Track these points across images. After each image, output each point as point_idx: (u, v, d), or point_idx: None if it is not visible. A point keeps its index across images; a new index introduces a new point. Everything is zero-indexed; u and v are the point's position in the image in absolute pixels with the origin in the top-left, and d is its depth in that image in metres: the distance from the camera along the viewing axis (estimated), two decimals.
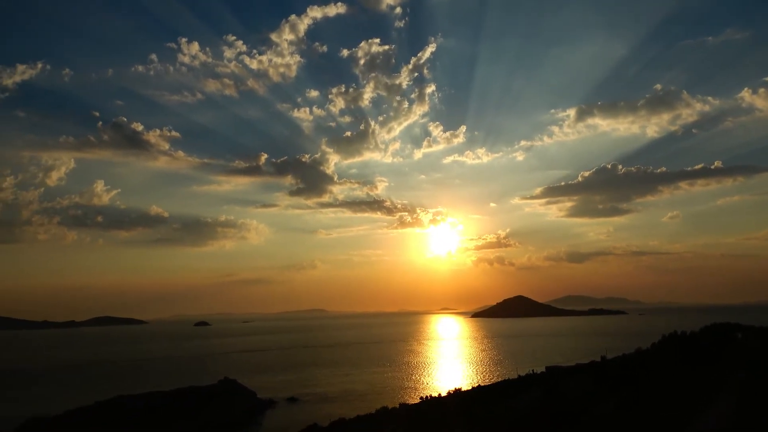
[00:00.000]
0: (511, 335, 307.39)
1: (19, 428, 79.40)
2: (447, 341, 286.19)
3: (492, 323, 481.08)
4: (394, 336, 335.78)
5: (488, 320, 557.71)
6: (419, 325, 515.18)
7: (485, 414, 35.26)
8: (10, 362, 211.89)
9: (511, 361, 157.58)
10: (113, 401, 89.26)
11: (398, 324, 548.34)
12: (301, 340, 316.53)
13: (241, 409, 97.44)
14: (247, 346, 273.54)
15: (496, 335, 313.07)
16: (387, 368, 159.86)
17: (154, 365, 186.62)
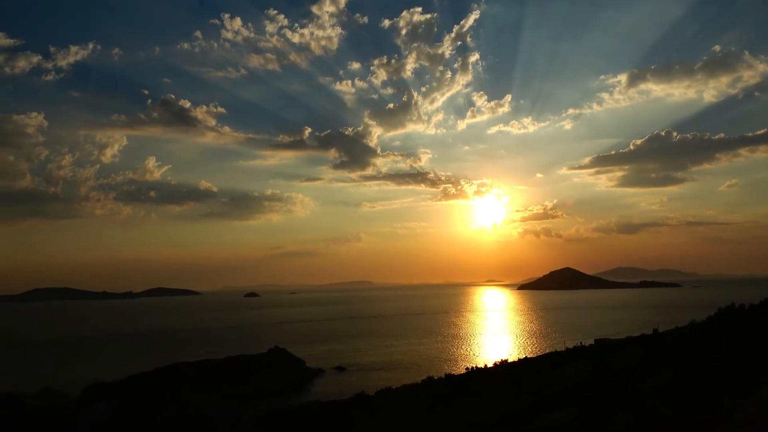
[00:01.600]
0: (559, 307, 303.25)
1: (84, 392, 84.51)
2: (492, 313, 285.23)
3: (538, 295, 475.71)
4: (439, 308, 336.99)
5: (534, 292, 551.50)
6: (464, 297, 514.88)
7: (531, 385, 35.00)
8: (75, 331, 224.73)
9: (558, 334, 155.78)
10: (171, 368, 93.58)
11: (443, 296, 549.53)
12: (348, 311, 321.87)
13: (291, 376, 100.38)
14: (295, 317, 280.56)
15: (542, 307, 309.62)
16: (432, 339, 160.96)
17: (207, 334, 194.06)
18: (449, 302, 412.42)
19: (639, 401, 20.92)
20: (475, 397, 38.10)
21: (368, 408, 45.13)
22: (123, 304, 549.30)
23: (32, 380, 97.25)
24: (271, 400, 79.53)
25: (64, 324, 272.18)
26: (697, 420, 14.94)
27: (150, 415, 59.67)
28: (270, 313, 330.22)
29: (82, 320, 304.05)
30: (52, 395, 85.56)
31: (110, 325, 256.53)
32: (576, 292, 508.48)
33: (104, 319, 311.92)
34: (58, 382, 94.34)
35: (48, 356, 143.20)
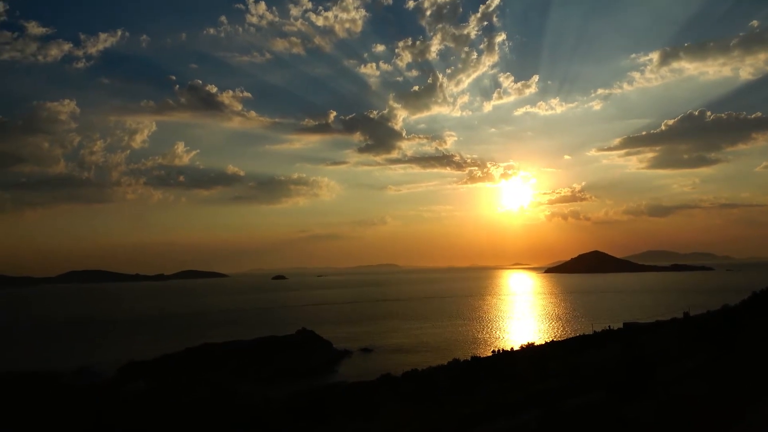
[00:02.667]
0: (587, 291, 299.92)
1: (120, 370, 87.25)
2: (519, 297, 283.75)
3: (566, 279, 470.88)
4: (466, 291, 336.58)
5: (562, 276, 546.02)
6: (490, 281, 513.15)
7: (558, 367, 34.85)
8: (110, 312, 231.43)
9: (586, 318, 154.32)
10: (202, 348, 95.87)
11: (469, 279, 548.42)
12: (374, 294, 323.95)
13: (318, 357, 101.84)
14: (322, 299, 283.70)
15: (570, 291, 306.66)
16: (458, 322, 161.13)
17: (236, 316, 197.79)
18: (475, 285, 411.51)
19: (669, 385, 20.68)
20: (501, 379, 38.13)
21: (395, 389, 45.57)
22: (155, 286, 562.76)
23: (71, 359, 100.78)
24: (299, 380, 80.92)
25: (99, 305, 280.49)
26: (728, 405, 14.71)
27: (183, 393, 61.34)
28: (297, 295, 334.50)
29: (117, 302, 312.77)
30: (90, 373, 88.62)
31: (143, 306, 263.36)
32: (605, 275, 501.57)
33: (137, 300, 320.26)
34: (95, 361, 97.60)
35: (85, 336, 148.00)
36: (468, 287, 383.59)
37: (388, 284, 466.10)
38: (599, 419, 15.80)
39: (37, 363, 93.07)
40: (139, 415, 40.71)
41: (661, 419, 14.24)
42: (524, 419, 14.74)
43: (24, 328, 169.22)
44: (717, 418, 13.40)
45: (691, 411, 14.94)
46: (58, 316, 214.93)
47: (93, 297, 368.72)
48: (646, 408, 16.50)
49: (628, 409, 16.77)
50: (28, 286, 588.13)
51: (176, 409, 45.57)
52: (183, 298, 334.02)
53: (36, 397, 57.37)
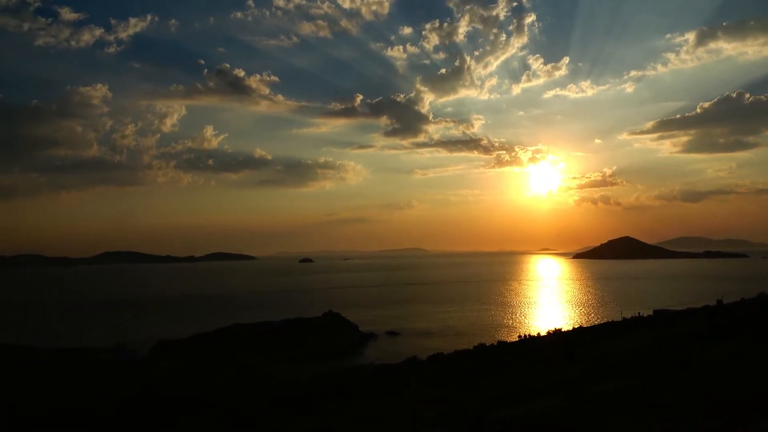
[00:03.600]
0: (616, 277, 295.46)
1: (152, 349, 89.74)
2: (547, 282, 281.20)
3: (595, 265, 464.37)
4: (493, 275, 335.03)
5: (591, 261, 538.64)
6: (518, 265, 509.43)
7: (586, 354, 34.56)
8: (143, 292, 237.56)
9: (615, 304, 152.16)
10: (231, 328, 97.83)
11: (496, 264, 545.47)
12: (400, 277, 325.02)
13: (345, 340, 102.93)
14: (348, 282, 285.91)
15: (599, 277, 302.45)
16: (485, 307, 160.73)
17: (264, 297, 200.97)
18: (502, 270, 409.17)
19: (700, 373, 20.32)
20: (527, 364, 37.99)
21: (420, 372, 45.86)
22: (185, 267, 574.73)
23: (106, 336, 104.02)
24: (326, 362, 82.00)
25: (132, 286, 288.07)
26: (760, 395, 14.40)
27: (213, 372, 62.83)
28: (324, 278, 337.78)
29: (149, 282, 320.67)
30: (124, 351, 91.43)
31: (174, 287, 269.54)
32: (635, 261, 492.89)
33: (168, 281, 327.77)
34: (128, 339, 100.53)
35: (119, 315, 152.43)
36: (495, 272, 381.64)
37: (415, 268, 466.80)
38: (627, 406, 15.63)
39: (75, 340, 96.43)
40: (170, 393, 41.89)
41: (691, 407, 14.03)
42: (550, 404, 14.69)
43: (63, 307, 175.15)
44: (748, 407, 13.14)
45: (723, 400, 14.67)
46: (94, 295, 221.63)
47: (126, 277, 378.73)
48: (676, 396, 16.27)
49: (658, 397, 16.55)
50: (65, 267, 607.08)
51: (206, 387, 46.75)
52: (213, 279, 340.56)
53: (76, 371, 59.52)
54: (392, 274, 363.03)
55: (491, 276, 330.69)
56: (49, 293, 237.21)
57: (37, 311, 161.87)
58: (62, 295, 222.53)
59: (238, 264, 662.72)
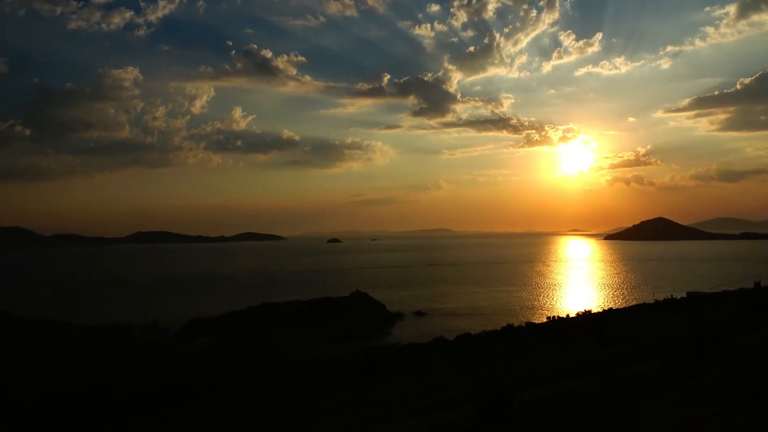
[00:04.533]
0: (649, 259, 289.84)
1: (185, 326, 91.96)
2: (576, 263, 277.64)
3: (627, 246, 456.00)
4: (521, 257, 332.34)
5: (623, 243, 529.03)
6: (547, 247, 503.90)
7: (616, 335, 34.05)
8: (175, 271, 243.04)
9: (647, 286, 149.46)
10: (261, 307, 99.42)
11: (525, 245, 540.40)
12: (428, 258, 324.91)
13: (372, 319, 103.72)
14: (376, 263, 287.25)
15: (631, 258, 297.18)
16: (513, 288, 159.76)
17: (293, 277, 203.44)
18: (531, 252, 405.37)
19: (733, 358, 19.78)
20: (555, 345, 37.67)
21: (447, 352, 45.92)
22: (216, 247, 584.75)
23: (140, 314, 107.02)
24: (353, 341, 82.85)
25: (165, 265, 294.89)
26: None
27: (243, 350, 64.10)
28: (352, 258, 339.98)
29: (181, 262, 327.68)
30: (158, 328, 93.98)
31: (206, 266, 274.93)
32: (669, 243, 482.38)
33: (200, 261, 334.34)
34: (162, 317, 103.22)
35: (152, 293, 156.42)
36: (523, 253, 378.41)
37: (442, 249, 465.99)
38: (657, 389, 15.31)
39: (111, 317, 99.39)
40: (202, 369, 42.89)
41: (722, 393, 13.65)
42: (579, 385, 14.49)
43: (99, 286, 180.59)
44: None
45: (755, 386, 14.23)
46: (128, 274, 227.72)
47: (159, 257, 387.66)
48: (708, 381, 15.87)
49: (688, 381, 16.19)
50: (101, 246, 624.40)
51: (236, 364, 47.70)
52: (243, 259, 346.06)
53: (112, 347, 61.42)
54: (419, 255, 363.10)
55: (519, 257, 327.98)
56: (85, 272, 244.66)
57: (74, 289, 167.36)
58: (98, 274, 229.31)
59: (267, 244, 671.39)
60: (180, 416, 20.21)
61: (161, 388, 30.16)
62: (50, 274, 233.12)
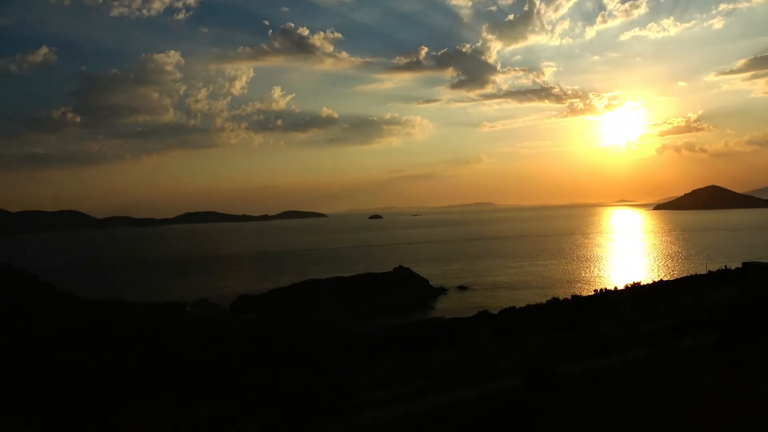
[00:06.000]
0: (701, 228, 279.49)
1: (234, 302, 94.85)
2: (624, 235, 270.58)
3: (678, 216, 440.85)
4: (565, 229, 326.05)
5: (673, 213, 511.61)
6: (593, 218, 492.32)
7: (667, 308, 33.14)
8: (222, 250, 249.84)
9: (700, 257, 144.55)
10: (305, 283, 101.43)
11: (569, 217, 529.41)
12: (470, 232, 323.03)
13: (415, 294, 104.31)
14: (417, 238, 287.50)
15: (682, 228, 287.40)
16: (558, 261, 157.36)
17: (336, 254, 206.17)
18: (576, 224, 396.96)
19: None
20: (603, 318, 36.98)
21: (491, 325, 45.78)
22: (261, 226, 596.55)
23: (191, 292, 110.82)
24: (396, 316, 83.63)
25: (213, 244, 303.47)
26: None
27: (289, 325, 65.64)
28: (393, 234, 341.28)
29: (228, 241, 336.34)
30: (207, 305, 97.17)
31: (251, 245, 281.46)
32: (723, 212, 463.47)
33: (246, 240, 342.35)
34: (211, 294, 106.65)
35: (201, 272, 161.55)
36: (568, 225, 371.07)
37: (484, 223, 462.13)
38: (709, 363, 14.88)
39: (163, 295, 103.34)
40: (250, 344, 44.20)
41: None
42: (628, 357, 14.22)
43: (151, 265, 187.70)
44: None
45: None
46: (179, 253, 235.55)
47: (206, 236, 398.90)
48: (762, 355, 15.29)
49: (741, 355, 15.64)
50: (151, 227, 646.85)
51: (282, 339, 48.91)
52: (287, 237, 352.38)
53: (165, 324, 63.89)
54: (461, 229, 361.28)
55: (564, 230, 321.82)
56: (137, 252, 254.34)
57: (127, 269, 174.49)
58: (150, 254, 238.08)
59: (310, 222, 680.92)
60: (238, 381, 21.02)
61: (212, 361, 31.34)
62: (104, 254, 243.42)
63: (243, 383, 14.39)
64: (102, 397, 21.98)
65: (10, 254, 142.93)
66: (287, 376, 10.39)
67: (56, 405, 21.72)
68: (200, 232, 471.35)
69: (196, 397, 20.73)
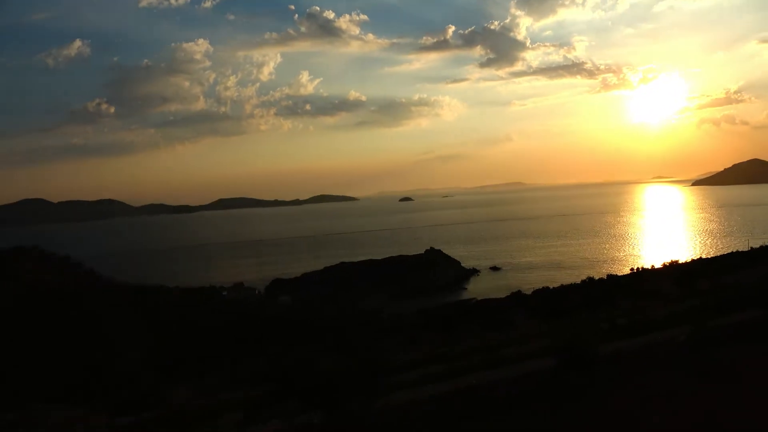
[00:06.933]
0: (743, 204, 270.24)
1: (269, 286, 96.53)
2: (661, 212, 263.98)
3: (718, 191, 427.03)
4: (600, 207, 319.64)
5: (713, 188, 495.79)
6: (628, 196, 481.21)
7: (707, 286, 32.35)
8: (256, 235, 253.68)
9: (742, 233, 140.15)
10: (338, 266, 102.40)
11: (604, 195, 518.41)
12: (501, 213, 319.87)
13: (447, 275, 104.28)
14: (448, 220, 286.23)
15: (722, 204, 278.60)
16: (592, 240, 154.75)
17: (367, 237, 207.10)
18: (610, 202, 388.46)
19: None
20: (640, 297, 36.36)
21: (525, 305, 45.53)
22: (292, 210, 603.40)
23: (227, 276, 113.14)
24: (429, 297, 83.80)
25: (246, 229, 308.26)
26: None
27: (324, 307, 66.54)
28: (424, 216, 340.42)
29: (261, 226, 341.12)
30: (243, 288, 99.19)
31: (284, 229, 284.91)
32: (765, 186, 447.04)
33: (278, 224, 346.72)
34: (246, 278, 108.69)
35: (236, 256, 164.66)
36: (602, 203, 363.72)
37: (516, 203, 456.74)
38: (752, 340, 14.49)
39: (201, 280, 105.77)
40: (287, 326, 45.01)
41: None
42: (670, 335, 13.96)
43: (187, 251, 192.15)
44: None
45: None
46: (214, 239, 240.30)
47: (240, 222, 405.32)
48: None
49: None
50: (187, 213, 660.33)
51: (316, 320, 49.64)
52: (318, 221, 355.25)
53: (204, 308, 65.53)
54: (492, 210, 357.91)
55: (598, 208, 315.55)
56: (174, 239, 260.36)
57: (165, 255, 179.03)
58: (186, 240, 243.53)
59: (340, 205, 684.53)
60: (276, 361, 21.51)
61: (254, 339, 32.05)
62: (143, 241, 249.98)
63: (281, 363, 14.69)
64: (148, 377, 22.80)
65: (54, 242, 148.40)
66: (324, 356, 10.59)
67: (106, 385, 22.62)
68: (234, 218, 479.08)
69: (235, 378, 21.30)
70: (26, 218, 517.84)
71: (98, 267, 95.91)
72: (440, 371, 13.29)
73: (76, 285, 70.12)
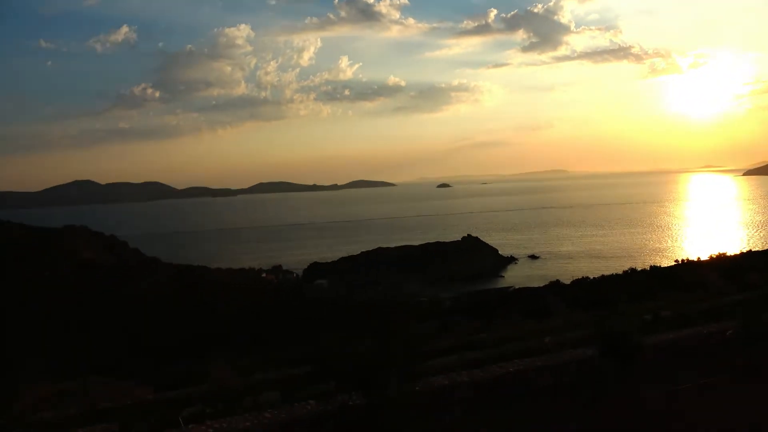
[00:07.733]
0: None
1: (307, 269, 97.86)
2: (710, 202, 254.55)
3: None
4: (645, 197, 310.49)
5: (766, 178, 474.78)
6: (675, 185, 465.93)
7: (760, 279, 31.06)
8: (294, 219, 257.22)
9: None
10: (375, 251, 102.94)
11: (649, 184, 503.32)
12: (541, 201, 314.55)
13: (484, 262, 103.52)
14: (486, 207, 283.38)
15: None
16: (635, 230, 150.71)
17: (405, 222, 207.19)
18: (656, 191, 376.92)
19: None
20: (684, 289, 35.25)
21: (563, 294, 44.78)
22: (330, 195, 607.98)
23: (265, 258, 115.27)
24: (466, 284, 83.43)
25: (285, 213, 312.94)
26: None
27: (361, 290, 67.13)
28: (462, 203, 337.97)
29: (298, 210, 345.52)
30: (282, 271, 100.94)
31: (322, 213, 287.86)
32: None
33: (316, 209, 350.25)
34: (285, 261, 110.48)
35: (275, 239, 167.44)
36: (647, 193, 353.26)
37: (557, 191, 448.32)
38: None
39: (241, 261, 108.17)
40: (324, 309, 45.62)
41: None
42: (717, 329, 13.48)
43: (228, 233, 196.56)
44: None
45: None
46: (254, 222, 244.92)
47: (279, 206, 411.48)
48: None
49: None
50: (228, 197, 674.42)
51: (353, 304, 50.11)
52: (356, 206, 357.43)
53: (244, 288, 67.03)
54: (533, 198, 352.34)
55: (643, 197, 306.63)
56: (215, 221, 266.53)
57: (206, 237, 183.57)
58: (226, 223, 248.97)
59: (378, 191, 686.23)
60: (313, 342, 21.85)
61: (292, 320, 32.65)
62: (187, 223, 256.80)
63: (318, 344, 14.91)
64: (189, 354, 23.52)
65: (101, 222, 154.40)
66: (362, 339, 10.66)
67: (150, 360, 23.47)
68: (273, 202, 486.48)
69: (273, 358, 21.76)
70: (76, 198, 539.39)
71: (143, 247, 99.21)
72: (478, 357, 13.22)
73: (121, 263, 72.72)
